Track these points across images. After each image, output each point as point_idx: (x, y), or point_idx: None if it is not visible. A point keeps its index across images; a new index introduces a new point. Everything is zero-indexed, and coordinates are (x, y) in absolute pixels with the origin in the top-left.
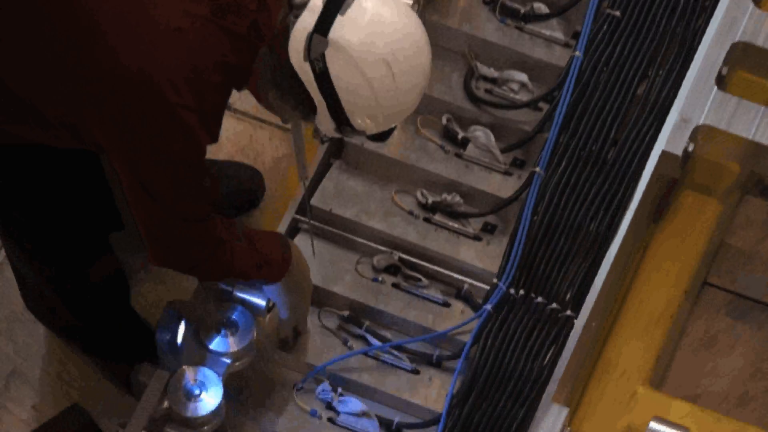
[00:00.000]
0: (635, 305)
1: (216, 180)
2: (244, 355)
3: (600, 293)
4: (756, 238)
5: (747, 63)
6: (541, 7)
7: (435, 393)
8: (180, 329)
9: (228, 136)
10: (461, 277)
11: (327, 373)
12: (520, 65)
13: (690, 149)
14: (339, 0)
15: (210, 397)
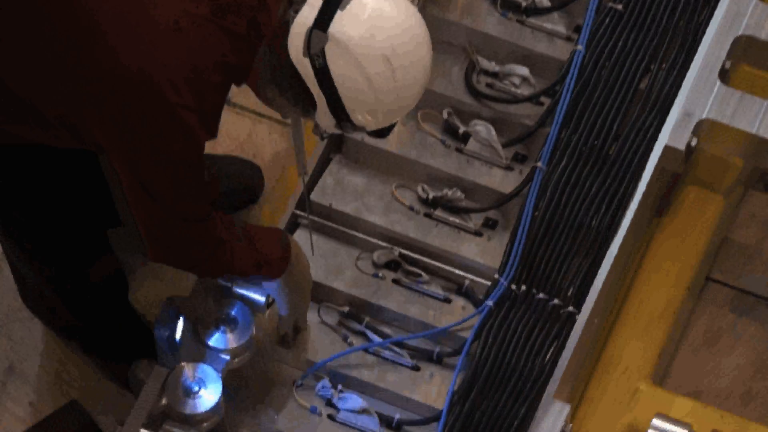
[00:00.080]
0: (637, 302)
1: (216, 179)
2: (243, 352)
3: (602, 289)
4: (759, 235)
5: (750, 57)
6: (543, 1)
7: (435, 390)
8: (179, 326)
9: (227, 130)
10: (462, 273)
11: (327, 370)
12: (521, 59)
13: (693, 144)
14: None
15: (209, 394)
